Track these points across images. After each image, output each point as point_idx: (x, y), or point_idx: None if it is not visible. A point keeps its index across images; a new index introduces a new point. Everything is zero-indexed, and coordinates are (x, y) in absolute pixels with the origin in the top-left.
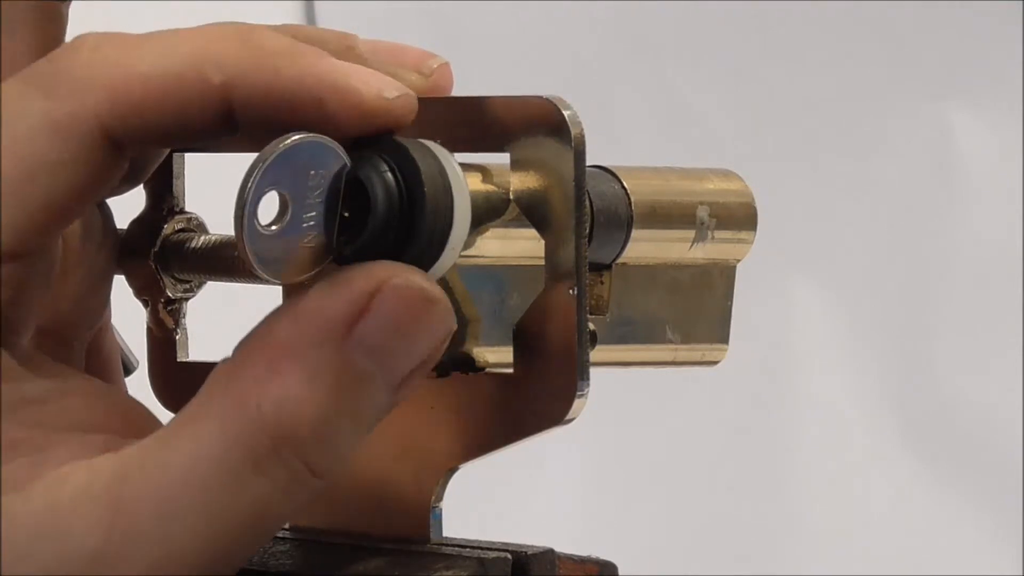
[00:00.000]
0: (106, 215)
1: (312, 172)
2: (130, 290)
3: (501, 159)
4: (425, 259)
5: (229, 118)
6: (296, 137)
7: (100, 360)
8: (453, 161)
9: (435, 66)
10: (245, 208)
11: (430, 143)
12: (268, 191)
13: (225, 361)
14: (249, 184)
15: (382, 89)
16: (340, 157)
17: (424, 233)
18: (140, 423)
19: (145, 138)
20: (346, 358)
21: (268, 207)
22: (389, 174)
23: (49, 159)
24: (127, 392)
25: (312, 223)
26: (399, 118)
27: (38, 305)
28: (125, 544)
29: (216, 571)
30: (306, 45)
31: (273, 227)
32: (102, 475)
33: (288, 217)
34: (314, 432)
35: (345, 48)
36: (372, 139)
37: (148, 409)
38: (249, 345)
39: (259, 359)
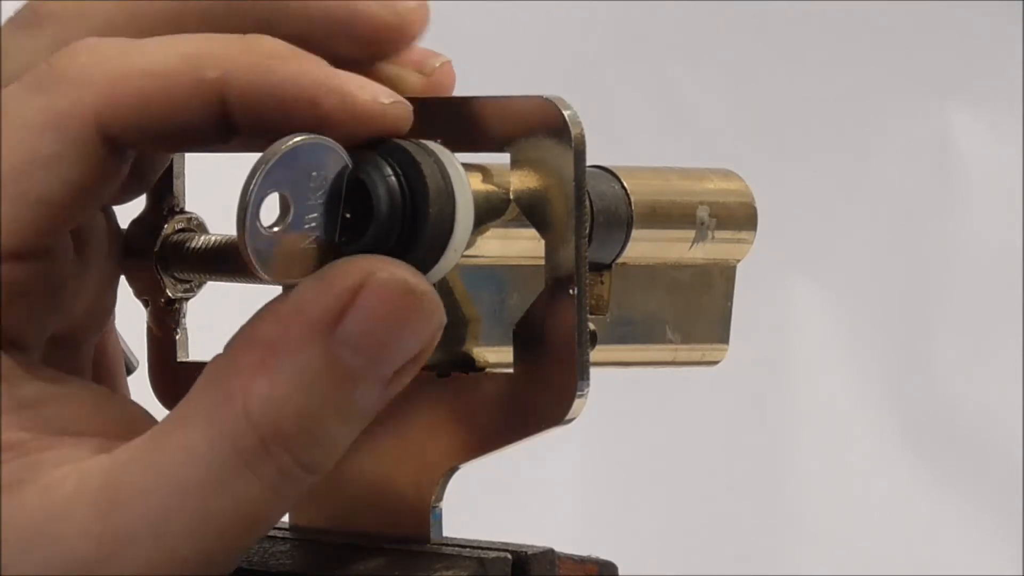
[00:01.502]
0: (111, 220)
1: (314, 173)
2: (130, 290)
3: (501, 159)
4: (427, 261)
5: (225, 118)
6: (298, 138)
7: (105, 361)
8: (456, 162)
9: (437, 65)
10: (247, 209)
11: (433, 144)
12: (270, 192)
13: (214, 360)
14: (251, 185)
15: (377, 94)
16: (342, 158)
17: (427, 236)
18: (136, 425)
19: (142, 135)
20: (331, 356)
21: (269, 208)
22: (392, 177)
23: (45, 153)
24: (127, 393)
25: (314, 224)
26: (394, 123)
27: (45, 311)
28: (118, 546)
29: (211, 570)
30: (305, 52)
31: (275, 228)
32: (94, 478)
33: (290, 218)
34: (302, 429)
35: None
36: (374, 141)
37: (145, 410)
38: (236, 344)
39: (245, 358)
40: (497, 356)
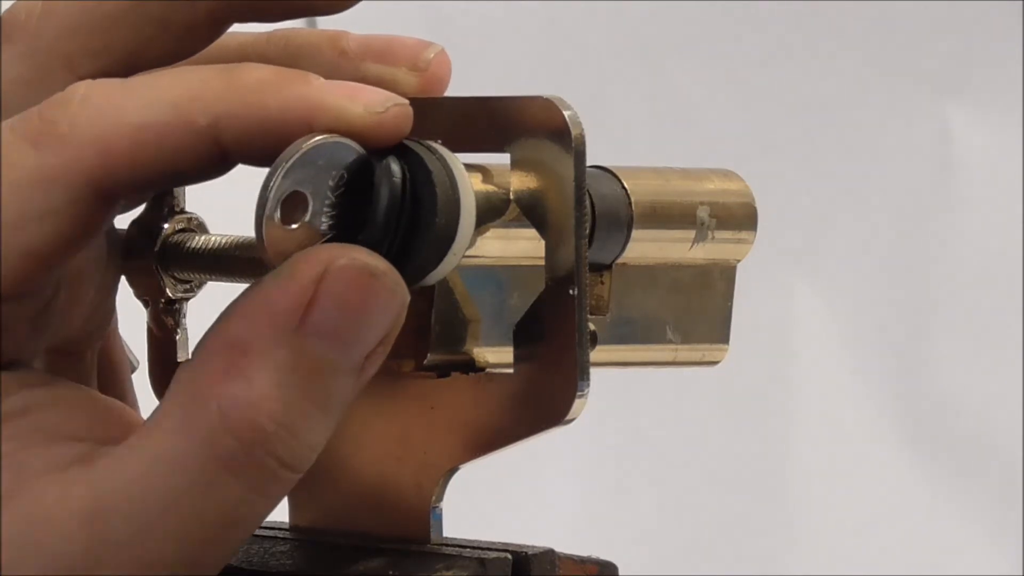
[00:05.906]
0: (111, 230)
1: (332, 172)
2: (130, 290)
3: (501, 159)
4: (428, 265)
5: (222, 155)
6: (318, 138)
7: (111, 364)
8: (461, 167)
9: (431, 57)
10: (266, 208)
11: (439, 146)
12: (289, 191)
13: (186, 363)
14: (271, 185)
15: (370, 104)
16: (361, 157)
17: (431, 242)
18: (123, 426)
19: (138, 186)
20: (302, 349)
21: (288, 204)
22: (398, 179)
23: (37, 209)
24: (134, 396)
25: (332, 222)
26: (393, 129)
27: (34, 334)
28: (103, 555)
29: (198, 572)
30: (291, 71)
31: (293, 226)
32: (76, 488)
33: (308, 216)
34: (281, 428)
35: (338, 53)
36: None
37: (131, 410)
38: (206, 346)
39: (216, 360)
40: (497, 356)
